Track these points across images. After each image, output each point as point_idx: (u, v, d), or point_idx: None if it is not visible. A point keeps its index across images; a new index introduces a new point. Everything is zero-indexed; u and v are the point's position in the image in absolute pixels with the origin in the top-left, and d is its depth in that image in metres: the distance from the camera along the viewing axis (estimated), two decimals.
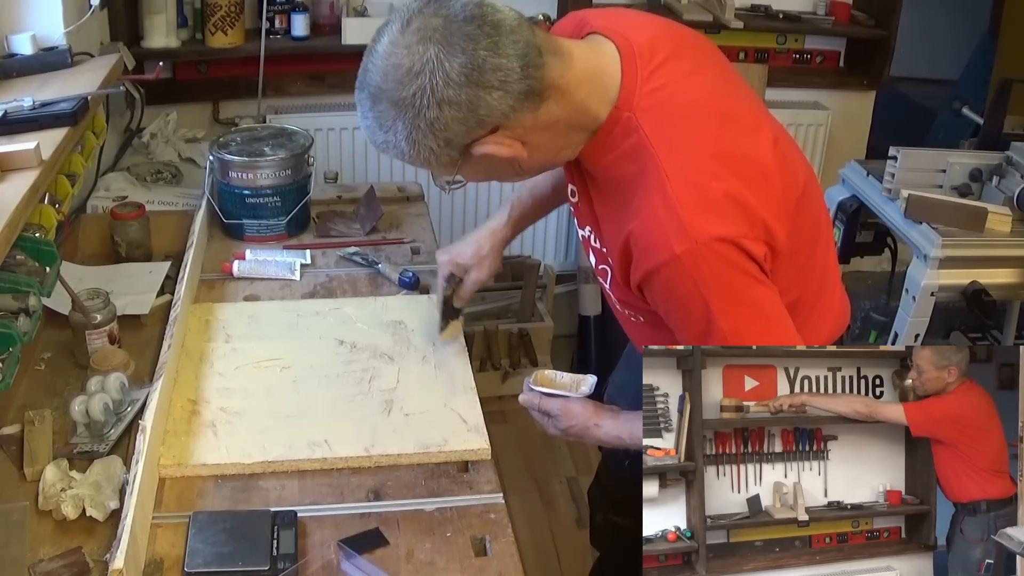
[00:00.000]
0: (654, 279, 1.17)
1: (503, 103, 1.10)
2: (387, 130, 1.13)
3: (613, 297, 1.37)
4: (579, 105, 1.17)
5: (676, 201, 1.13)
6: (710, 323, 1.16)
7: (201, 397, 1.53)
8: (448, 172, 1.20)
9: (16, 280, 1.44)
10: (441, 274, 1.66)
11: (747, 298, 1.17)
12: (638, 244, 1.17)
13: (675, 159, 1.15)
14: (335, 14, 2.84)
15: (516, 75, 1.09)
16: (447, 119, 1.10)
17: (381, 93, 1.11)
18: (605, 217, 1.27)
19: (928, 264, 2.18)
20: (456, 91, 1.08)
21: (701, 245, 1.12)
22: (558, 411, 1.41)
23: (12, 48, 1.94)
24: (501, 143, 1.14)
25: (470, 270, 1.65)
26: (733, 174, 1.15)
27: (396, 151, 1.15)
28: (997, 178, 2.32)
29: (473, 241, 1.66)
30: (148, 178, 2.51)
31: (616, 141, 1.19)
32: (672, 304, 1.20)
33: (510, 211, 1.66)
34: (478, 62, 1.07)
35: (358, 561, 1.23)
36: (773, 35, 3.17)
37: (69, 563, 1.22)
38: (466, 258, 1.64)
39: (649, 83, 1.19)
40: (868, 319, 3.27)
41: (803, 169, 1.32)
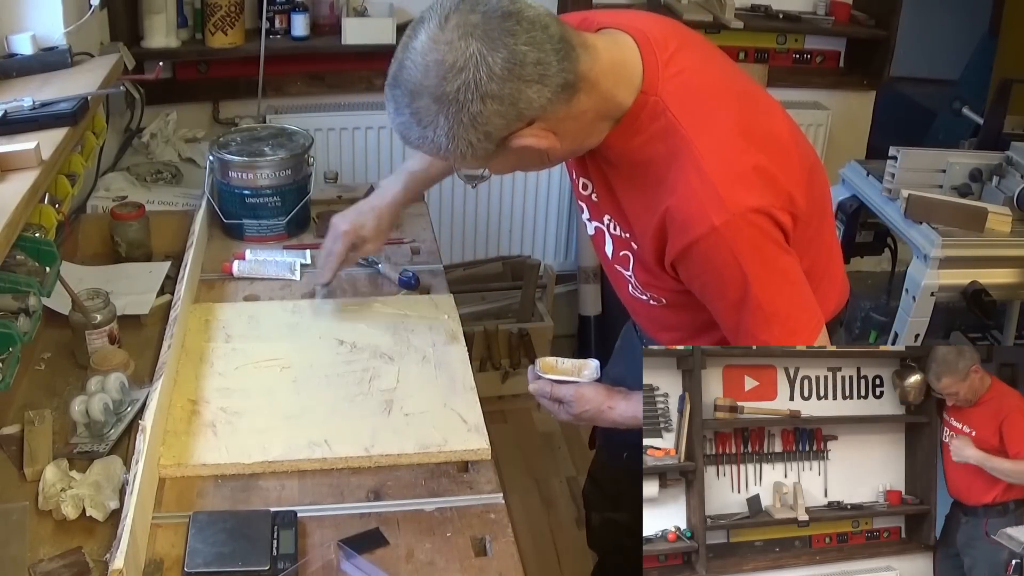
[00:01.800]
0: (692, 252, 1.21)
1: (542, 96, 1.14)
2: (426, 126, 1.15)
3: (634, 281, 1.40)
4: (607, 94, 1.22)
5: (711, 176, 1.18)
6: (746, 291, 1.20)
7: (201, 397, 1.53)
8: (480, 165, 1.24)
9: (16, 280, 1.44)
10: (343, 242, 1.73)
11: (778, 266, 1.22)
12: (675, 220, 1.21)
13: (704, 137, 1.21)
14: (335, 14, 2.83)
15: (554, 68, 1.13)
16: (489, 113, 1.13)
17: (422, 89, 1.13)
18: (631, 202, 1.31)
19: (928, 264, 2.18)
20: (499, 85, 1.11)
21: (737, 216, 1.17)
22: (571, 397, 1.43)
23: (12, 48, 1.94)
24: (538, 135, 1.18)
25: (368, 242, 1.74)
26: (758, 148, 1.22)
27: (432, 146, 1.18)
28: (997, 178, 2.32)
29: (373, 214, 1.73)
30: (148, 178, 2.51)
31: (644, 124, 1.24)
32: (709, 276, 1.23)
33: (406, 183, 1.74)
34: (519, 57, 1.11)
35: (358, 561, 1.23)
36: (773, 35, 3.16)
37: (69, 563, 1.22)
38: (367, 231, 1.73)
39: (669, 68, 1.24)
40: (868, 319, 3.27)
41: (810, 145, 1.40)
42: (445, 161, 1.25)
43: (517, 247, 3.21)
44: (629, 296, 1.46)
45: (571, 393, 1.43)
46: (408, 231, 2.14)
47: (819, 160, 1.40)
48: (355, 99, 2.89)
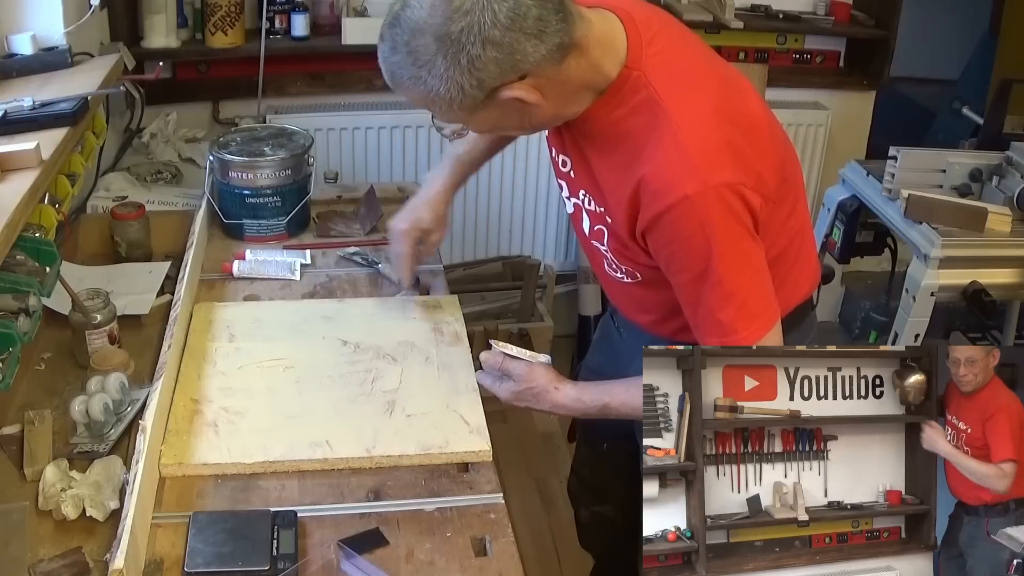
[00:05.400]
0: (662, 220, 1.23)
1: (538, 51, 1.17)
2: (422, 65, 1.17)
3: (610, 256, 1.42)
4: (595, 63, 1.25)
5: (687, 147, 1.22)
6: (708, 264, 1.23)
7: (203, 396, 1.53)
8: (464, 117, 1.25)
9: (16, 280, 1.44)
10: (407, 241, 1.73)
11: (743, 248, 1.25)
12: (649, 188, 1.24)
13: (683, 111, 1.24)
14: (335, 14, 2.83)
15: (553, 27, 1.17)
16: (487, 59, 1.15)
17: (425, 27, 1.15)
18: (607, 174, 1.33)
19: (928, 264, 2.18)
20: (501, 32, 1.14)
21: (710, 188, 1.20)
22: (520, 373, 1.47)
23: (12, 48, 1.94)
24: (527, 90, 1.20)
25: (432, 233, 1.75)
26: (732, 126, 1.26)
27: (423, 88, 1.19)
28: (997, 178, 2.32)
29: (428, 206, 1.73)
30: (148, 178, 2.51)
31: (626, 97, 1.27)
32: (675, 246, 1.26)
33: (451, 171, 1.75)
34: (523, 9, 1.14)
35: (358, 561, 1.23)
36: (773, 35, 3.17)
37: (69, 563, 1.22)
38: (427, 223, 1.73)
39: (651, 47, 1.28)
40: (868, 319, 3.28)
41: (784, 132, 1.43)
42: (429, 108, 1.25)
43: (517, 247, 3.21)
44: (605, 275, 1.48)
45: (521, 369, 1.47)
46: None
47: (792, 148, 1.44)
48: (355, 99, 2.89)
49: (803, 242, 1.46)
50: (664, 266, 1.31)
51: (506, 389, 1.49)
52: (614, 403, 1.41)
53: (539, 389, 1.47)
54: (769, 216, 1.28)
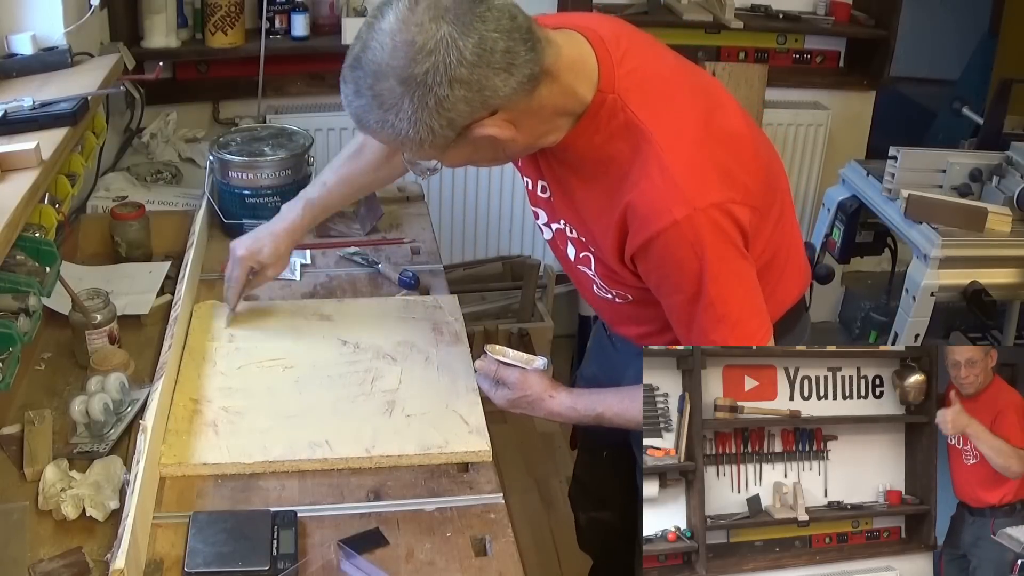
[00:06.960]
0: (652, 246, 1.21)
1: (508, 85, 1.13)
2: (388, 109, 1.13)
3: (599, 281, 1.40)
4: (568, 89, 1.21)
5: (672, 170, 1.19)
6: (700, 287, 1.21)
7: (203, 396, 1.53)
8: (436, 155, 1.23)
9: (16, 280, 1.44)
10: (241, 268, 1.70)
11: (733, 267, 1.23)
12: (637, 213, 1.21)
13: (664, 132, 1.21)
14: (335, 14, 2.83)
15: (521, 59, 1.13)
16: (455, 99, 1.11)
17: (388, 70, 1.11)
18: (590, 201, 1.31)
19: (928, 264, 2.18)
20: (468, 71, 1.09)
21: (699, 211, 1.18)
22: (514, 380, 1.45)
23: (12, 48, 1.94)
24: (500, 126, 1.17)
25: (268, 268, 1.71)
26: (715, 142, 1.23)
27: (391, 131, 1.15)
28: (997, 178, 2.32)
29: (271, 240, 1.70)
30: (148, 178, 2.51)
31: (603, 122, 1.23)
32: (667, 269, 1.24)
33: (302, 213, 1.70)
34: (489, 44, 1.10)
35: (358, 561, 1.23)
36: (773, 35, 3.17)
37: (69, 563, 1.22)
38: (264, 257, 1.69)
39: (623, 66, 1.24)
40: (868, 319, 3.28)
41: (766, 137, 1.42)
42: (400, 149, 1.23)
43: (517, 247, 3.21)
44: (594, 296, 1.46)
45: (516, 377, 1.45)
46: (408, 231, 2.14)
47: (775, 152, 1.42)
48: None
49: (792, 243, 1.45)
50: (655, 288, 1.29)
51: (501, 396, 1.47)
52: (608, 413, 1.40)
53: (534, 397, 1.45)
54: (758, 225, 1.26)
